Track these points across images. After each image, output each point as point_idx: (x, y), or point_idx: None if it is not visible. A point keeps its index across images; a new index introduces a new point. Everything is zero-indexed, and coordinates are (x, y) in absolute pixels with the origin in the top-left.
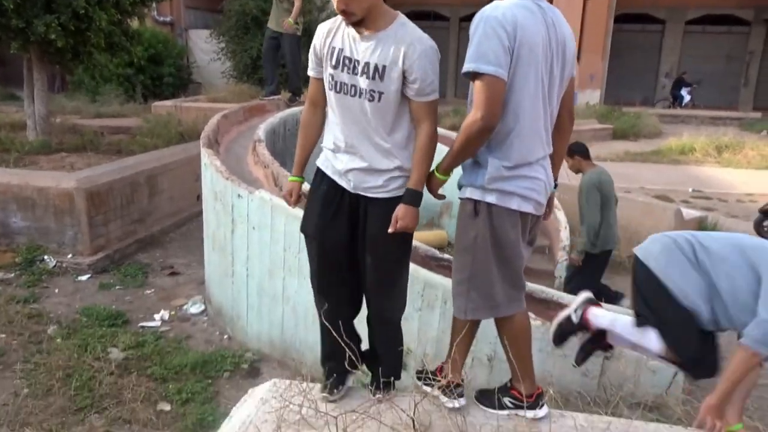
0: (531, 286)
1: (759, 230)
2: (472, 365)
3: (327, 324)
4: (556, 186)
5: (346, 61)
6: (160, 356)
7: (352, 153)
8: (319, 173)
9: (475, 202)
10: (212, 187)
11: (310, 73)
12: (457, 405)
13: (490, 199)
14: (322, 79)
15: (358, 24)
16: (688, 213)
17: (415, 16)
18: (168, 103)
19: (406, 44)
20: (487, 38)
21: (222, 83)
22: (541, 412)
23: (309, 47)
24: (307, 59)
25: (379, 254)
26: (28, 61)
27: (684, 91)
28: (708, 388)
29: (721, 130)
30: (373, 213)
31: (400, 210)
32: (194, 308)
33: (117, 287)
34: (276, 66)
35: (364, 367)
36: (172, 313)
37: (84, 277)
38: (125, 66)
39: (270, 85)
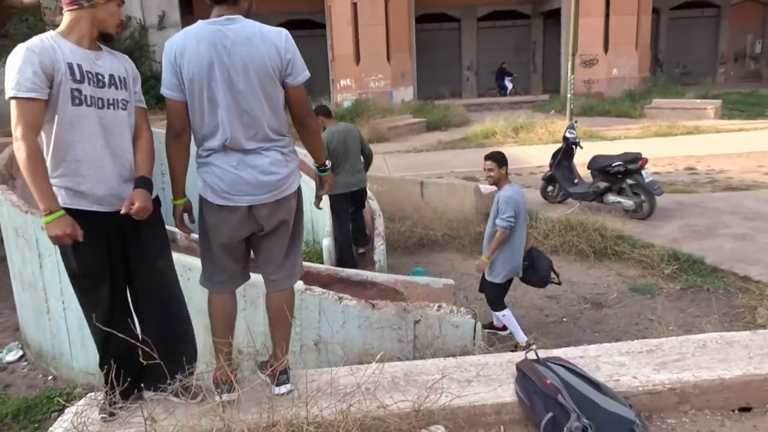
0: (348, 271)
1: (544, 195)
2: (301, 351)
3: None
4: (326, 171)
5: None
6: None
7: None
8: None
9: None
10: (11, 223)
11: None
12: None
13: (199, 189)
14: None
15: None
16: (486, 188)
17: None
18: None
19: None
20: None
21: None
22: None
23: None
24: None
25: None
26: None
27: (507, 81)
28: (501, 347)
29: (517, 113)
30: None
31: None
32: (10, 356)
33: None
34: None
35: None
36: None
37: None
38: None
39: None
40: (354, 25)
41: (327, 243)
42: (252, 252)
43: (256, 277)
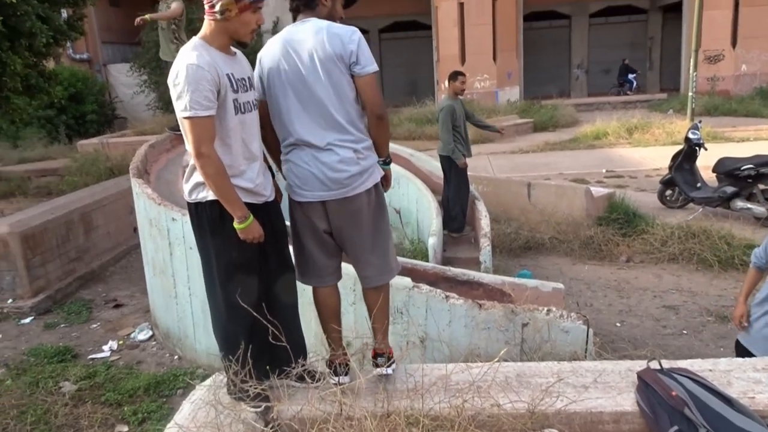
0: (455, 270)
1: (662, 199)
2: (407, 347)
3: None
4: (386, 164)
5: None
6: (113, 383)
7: None
8: None
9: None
10: (146, 214)
11: None
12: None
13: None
14: None
15: None
16: (597, 191)
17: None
18: (94, 140)
19: None
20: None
21: (148, 116)
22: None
23: None
24: None
25: None
26: None
27: (631, 77)
28: (616, 349)
29: (631, 113)
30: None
31: None
32: (142, 335)
33: (62, 325)
34: None
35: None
36: (121, 342)
37: (27, 320)
38: (45, 107)
39: None
40: (460, 25)
41: (432, 242)
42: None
43: None
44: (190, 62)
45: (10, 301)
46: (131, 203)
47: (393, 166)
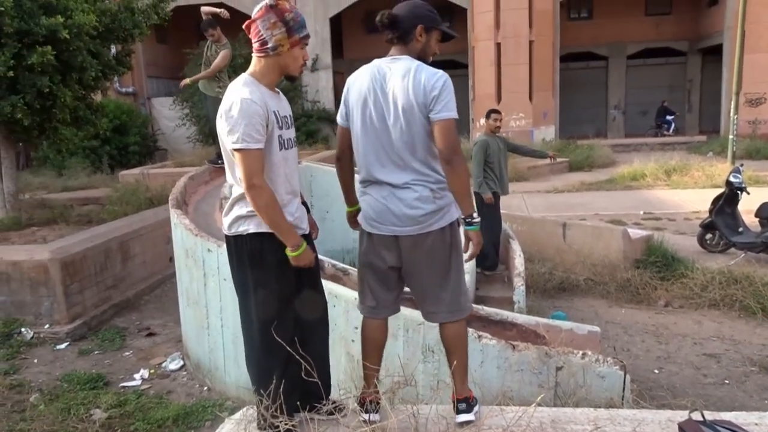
0: (488, 309)
1: (702, 243)
2: (438, 387)
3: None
4: (471, 225)
5: None
6: (143, 412)
7: None
8: None
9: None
10: (183, 244)
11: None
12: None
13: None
14: None
15: None
16: (635, 233)
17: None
18: (135, 171)
19: None
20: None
21: (188, 148)
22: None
23: None
24: None
25: None
26: None
27: (670, 118)
28: (655, 397)
29: (669, 154)
30: None
31: None
32: (173, 365)
33: (96, 352)
34: None
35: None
36: (152, 371)
37: (62, 345)
38: (90, 138)
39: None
40: (497, 65)
41: (466, 279)
42: (406, 285)
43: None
44: (244, 97)
45: (47, 326)
46: (168, 233)
47: None
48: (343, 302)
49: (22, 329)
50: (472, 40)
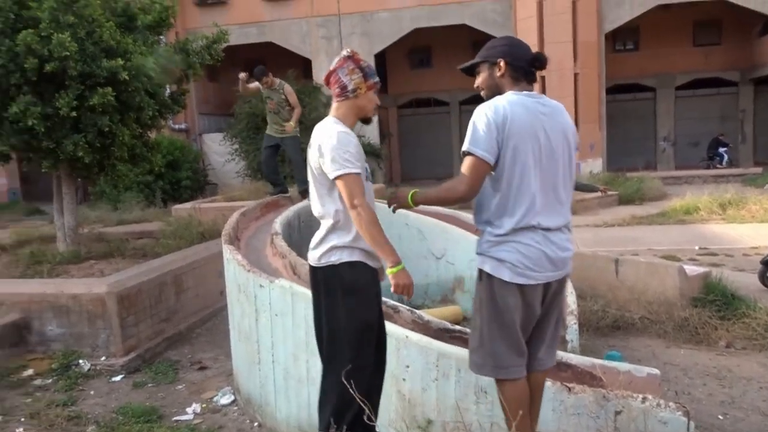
0: None
1: (764, 281)
2: (491, 429)
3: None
4: None
5: None
6: None
7: None
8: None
9: (479, 269)
10: (235, 279)
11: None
12: None
13: (487, 267)
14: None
15: None
16: (692, 270)
17: (417, 104)
18: (187, 205)
19: None
20: (480, 128)
21: (237, 182)
22: None
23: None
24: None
25: None
26: (57, 177)
27: (722, 150)
28: None
29: (723, 187)
30: None
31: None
32: (224, 399)
33: (149, 385)
34: (278, 170)
35: None
36: (204, 405)
37: (117, 378)
38: (145, 174)
39: (278, 186)
40: None
41: None
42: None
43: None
44: (340, 130)
45: (103, 358)
46: (219, 267)
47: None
48: (393, 340)
49: (80, 361)
50: None
